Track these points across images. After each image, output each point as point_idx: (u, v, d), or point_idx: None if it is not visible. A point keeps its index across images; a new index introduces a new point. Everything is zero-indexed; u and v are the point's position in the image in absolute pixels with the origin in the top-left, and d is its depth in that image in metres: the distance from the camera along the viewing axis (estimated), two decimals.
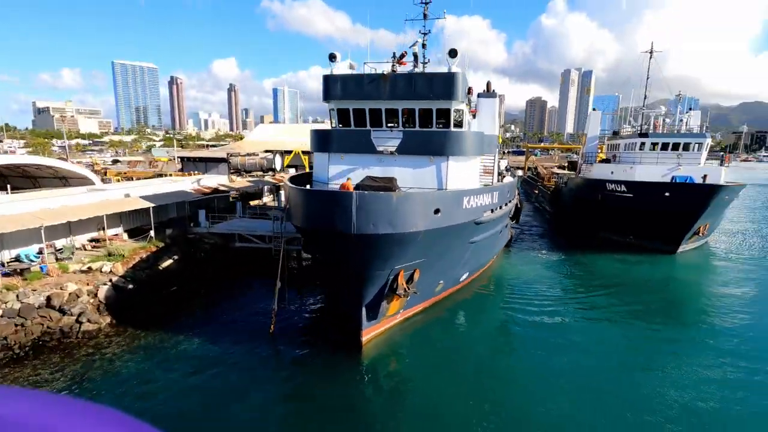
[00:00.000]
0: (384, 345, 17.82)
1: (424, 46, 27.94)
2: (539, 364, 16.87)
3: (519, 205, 29.01)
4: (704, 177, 30.89)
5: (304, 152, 66.00)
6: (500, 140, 43.88)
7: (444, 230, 15.94)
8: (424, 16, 25.53)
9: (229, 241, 28.86)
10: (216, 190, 32.52)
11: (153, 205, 25.58)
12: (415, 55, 25.11)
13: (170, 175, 47.33)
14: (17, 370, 15.40)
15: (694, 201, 29.00)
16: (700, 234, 32.40)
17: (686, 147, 32.88)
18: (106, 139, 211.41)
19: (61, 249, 21.84)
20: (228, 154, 50.62)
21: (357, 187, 16.74)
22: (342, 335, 17.89)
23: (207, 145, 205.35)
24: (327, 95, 20.12)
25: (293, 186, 16.05)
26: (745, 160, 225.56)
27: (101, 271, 20.73)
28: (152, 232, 25.68)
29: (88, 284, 19.54)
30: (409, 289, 16.47)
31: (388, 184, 17.46)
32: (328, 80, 19.93)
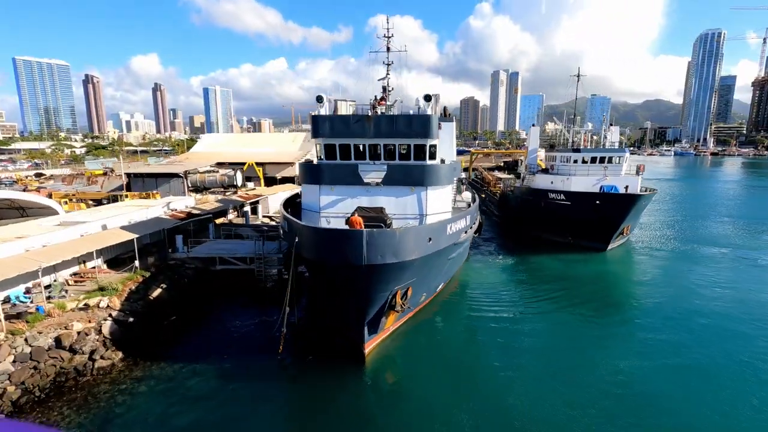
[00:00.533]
0: (381, 354, 20.47)
1: (388, 73, 31.04)
2: (503, 357, 20.48)
3: (481, 222, 32.99)
4: (626, 187, 37.01)
5: (258, 164, 66.33)
6: (462, 163, 48.00)
7: (434, 254, 18.97)
8: (387, 49, 28.52)
9: (209, 265, 29.74)
10: (190, 215, 33.03)
11: (137, 235, 26.01)
12: (384, 88, 28.09)
13: (126, 197, 45.88)
14: (44, 412, 16.05)
15: (618, 208, 34.91)
16: (624, 234, 38.77)
17: (610, 160, 38.98)
18: (16, 146, 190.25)
19: (50, 287, 21.93)
20: (186, 171, 49.88)
21: (351, 215, 19.28)
22: (343, 347, 20.31)
23: (137, 151, 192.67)
24: (316, 133, 22.30)
25: (307, 225, 18.09)
26: (650, 154, 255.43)
27: (99, 307, 21.27)
28: (137, 263, 26.15)
29: (90, 321, 20.08)
30: (404, 305, 19.32)
31: (379, 214, 20.20)
32: (317, 120, 22.13)
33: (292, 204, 28.02)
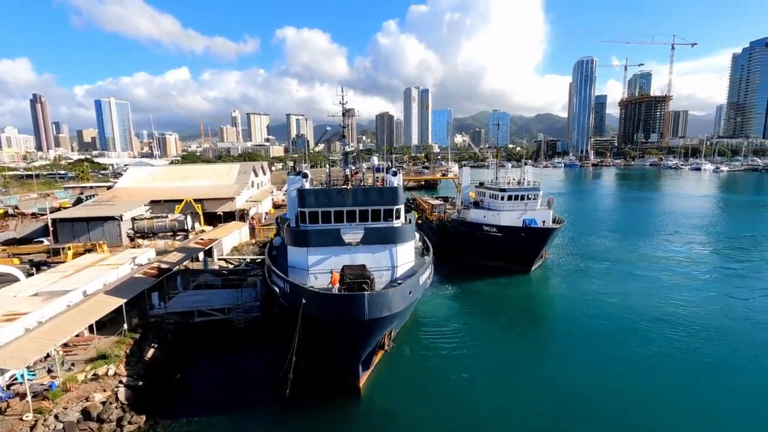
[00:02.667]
0: (372, 385, 25.08)
1: (343, 136, 36.20)
2: (459, 372, 26.33)
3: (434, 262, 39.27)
4: (543, 222, 46.36)
5: (195, 200, 66.23)
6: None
7: (413, 303, 24.23)
8: (343, 114, 33.62)
9: (187, 318, 31.68)
10: (160, 269, 34.36)
11: (125, 300, 27.46)
12: (350, 155, 33.05)
13: (68, 249, 44.18)
14: None
15: (539, 239, 44.24)
16: (543, 258, 48.55)
17: (529, 197, 48.08)
18: None
19: (45, 360, 22.97)
20: (132, 218, 49.20)
21: (342, 274, 23.86)
22: (341, 383, 24.52)
23: (23, 176, 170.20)
24: (302, 203, 26.59)
25: (314, 290, 22.08)
26: (545, 167, 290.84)
27: (107, 375, 22.97)
28: (125, 326, 27.56)
29: (104, 390, 21.86)
30: (390, 344, 24.29)
31: (362, 271, 24.93)
32: (303, 193, 26.55)
33: (270, 252, 31.48)
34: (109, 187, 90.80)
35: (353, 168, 31.08)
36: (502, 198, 47.88)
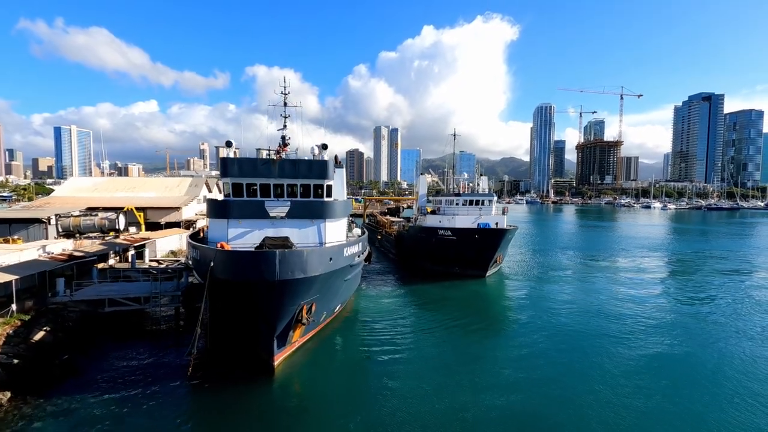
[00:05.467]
0: (290, 367, 22.79)
1: (285, 126, 35.31)
2: (394, 371, 23.06)
3: (370, 251, 37.60)
4: (497, 224, 46.14)
5: (138, 209, 62.72)
6: (354, 204, 53.39)
7: (333, 272, 22.59)
8: (285, 104, 32.90)
9: (97, 307, 28.58)
10: (72, 257, 31.29)
11: (17, 277, 24.44)
12: (283, 137, 32.08)
13: None
14: None
15: (492, 240, 43.38)
16: (498, 262, 47.57)
17: (483, 203, 48.14)
18: None
19: None
20: (56, 215, 45.47)
21: (261, 245, 22.06)
22: (253, 362, 22.09)
23: None
24: (225, 173, 24.93)
25: (221, 249, 20.25)
26: (508, 202, 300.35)
27: None
28: (14, 306, 24.39)
29: None
30: (309, 318, 22.30)
31: (285, 243, 23.31)
32: (226, 161, 24.89)
33: (196, 238, 29.26)
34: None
35: (286, 139, 29.59)
36: (457, 203, 47.87)
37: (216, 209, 25.37)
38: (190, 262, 23.51)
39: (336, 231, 27.05)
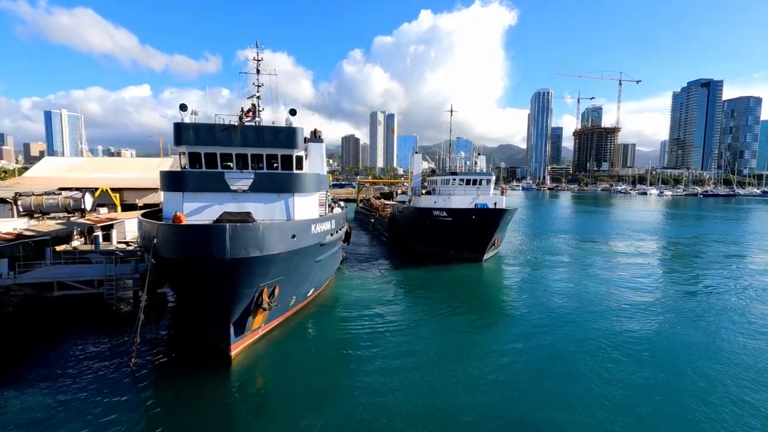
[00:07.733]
0: (250, 357, 20.24)
1: (258, 97, 32.13)
2: (377, 363, 20.37)
3: (349, 230, 34.82)
4: (495, 204, 43.01)
5: (113, 189, 59.66)
6: (330, 178, 50.52)
7: (298, 251, 19.89)
8: (258, 71, 29.75)
9: (45, 291, 25.86)
10: (20, 236, 28.43)
11: None
12: (254, 105, 29.02)
13: None
14: None
15: (491, 220, 40.29)
16: (496, 245, 44.54)
17: (481, 182, 45.07)
18: None
19: None
20: (16, 193, 42.33)
21: (217, 221, 19.23)
22: (208, 352, 19.59)
23: None
24: (179, 140, 21.93)
25: (164, 223, 17.53)
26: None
27: None
28: None
29: None
30: (271, 303, 19.66)
31: (245, 218, 20.49)
32: (180, 127, 21.85)
33: (153, 216, 26.45)
34: None
35: (258, 108, 26.43)
36: (454, 182, 44.89)
37: (169, 181, 22.50)
38: (140, 239, 20.87)
39: (307, 207, 24.27)
